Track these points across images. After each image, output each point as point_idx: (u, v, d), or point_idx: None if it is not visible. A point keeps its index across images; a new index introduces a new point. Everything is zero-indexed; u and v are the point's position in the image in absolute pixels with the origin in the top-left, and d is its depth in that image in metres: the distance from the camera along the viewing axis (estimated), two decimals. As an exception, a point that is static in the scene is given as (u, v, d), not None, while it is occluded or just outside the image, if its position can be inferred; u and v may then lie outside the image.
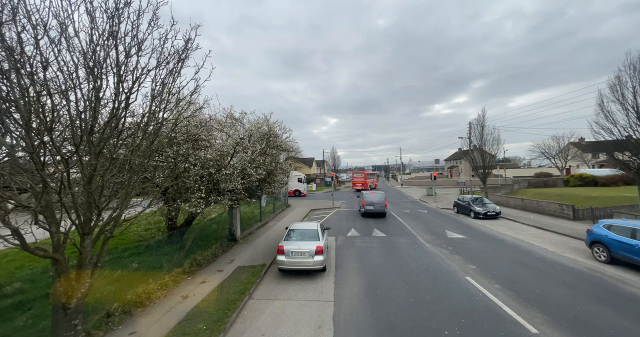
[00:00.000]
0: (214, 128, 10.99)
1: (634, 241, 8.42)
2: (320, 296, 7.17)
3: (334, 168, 73.48)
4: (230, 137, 10.36)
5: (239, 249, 11.58)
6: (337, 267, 9.36)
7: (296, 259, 8.32)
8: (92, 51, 3.29)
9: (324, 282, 8.06)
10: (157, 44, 3.78)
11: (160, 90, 3.94)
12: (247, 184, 10.87)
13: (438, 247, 11.77)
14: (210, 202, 9.04)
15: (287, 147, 13.90)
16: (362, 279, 8.34)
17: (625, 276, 8.19)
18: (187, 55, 4.00)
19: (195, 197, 8.62)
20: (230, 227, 12.74)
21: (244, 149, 10.08)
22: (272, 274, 8.83)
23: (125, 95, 3.46)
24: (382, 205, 19.62)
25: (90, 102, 3.29)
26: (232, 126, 12.22)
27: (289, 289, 7.66)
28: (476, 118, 26.97)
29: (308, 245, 8.56)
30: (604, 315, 6.10)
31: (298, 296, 7.17)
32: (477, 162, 25.90)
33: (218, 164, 9.57)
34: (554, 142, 47.22)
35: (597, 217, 15.79)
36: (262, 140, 11.75)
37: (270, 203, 21.63)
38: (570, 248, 11.11)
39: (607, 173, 27.63)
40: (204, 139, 9.74)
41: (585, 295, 7.06)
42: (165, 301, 6.87)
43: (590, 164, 42.56)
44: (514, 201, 22.65)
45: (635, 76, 9.55)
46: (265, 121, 13.11)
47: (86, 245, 3.47)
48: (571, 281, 8.01)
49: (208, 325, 5.67)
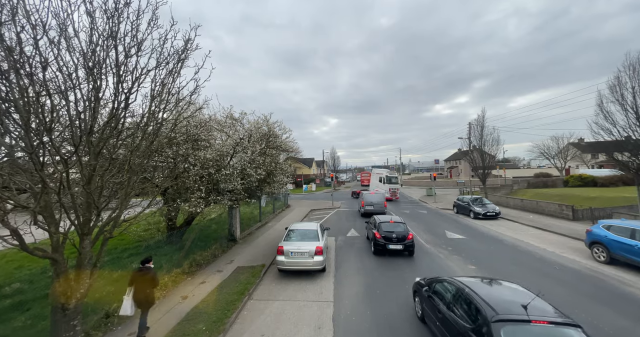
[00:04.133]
0: (213, 128, 10.99)
1: (633, 242, 8.42)
2: (320, 297, 7.16)
3: (334, 168, 73.54)
4: (230, 138, 10.36)
5: (238, 250, 11.57)
6: (337, 268, 9.36)
7: (296, 260, 8.31)
8: (92, 51, 3.29)
9: (324, 283, 8.05)
10: (157, 44, 3.79)
11: (160, 90, 3.94)
12: (246, 184, 10.86)
13: (438, 247, 11.76)
14: (210, 202, 9.04)
15: (286, 147, 13.91)
16: (362, 279, 8.34)
17: (625, 276, 8.19)
18: (186, 55, 4.00)
19: (195, 197, 8.61)
20: (230, 228, 12.74)
21: (243, 149, 10.08)
22: (272, 274, 8.82)
23: (125, 95, 3.45)
24: (382, 205, 19.66)
25: (90, 102, 3.28)
26: (232, 126, 12.22)
27: (289, 289, 7.65)
28: (476, 118, 27.02)
29: (308, 245, 8.55)
30: (603, 315, 6.11)
31: (298, 297, 7.16)
32: (477, 162, 25.92)
33: (218, 164, 9.57)
34: (553, 142, 47.31)
35: (597, 218, 15.80)
36: (262, 140, 11.76)
37: (270, 203, 21.64)
38: (569, 248, 11.12)
39: (607, 174, 27.66)
40: (204, 139, 9.74)
41: (585, 295, 7.07)
42: (164, 302, 6.86)
43: (590, 165, 42.59)
44: (514, 201, 22.66)
45: (634, 77, 9.56)
46: (265, 121, 13.12)
47: (85, 245, 3.47)
48: (571, 281, 8.02)
49: (207, 325, 5.67)
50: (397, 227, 10.78)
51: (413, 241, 10.53)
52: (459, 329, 4.11)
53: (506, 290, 4.58)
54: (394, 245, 10.33)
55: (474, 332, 3.75)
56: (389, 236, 10.43)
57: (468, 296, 4.27)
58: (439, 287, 5.29)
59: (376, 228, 11.03)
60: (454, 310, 4.43)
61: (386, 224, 11.01)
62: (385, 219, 11.43)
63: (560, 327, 3.43)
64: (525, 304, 3.69)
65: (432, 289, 5.48)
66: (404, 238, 10.38)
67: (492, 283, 4.93)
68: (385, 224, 11.01)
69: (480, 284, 4.77)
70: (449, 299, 4.75)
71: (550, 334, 3.41)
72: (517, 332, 3.41)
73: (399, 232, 10.52)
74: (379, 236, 10.60)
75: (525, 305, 3.68)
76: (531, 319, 3.46)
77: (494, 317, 3.57)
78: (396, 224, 10.92)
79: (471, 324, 3.88)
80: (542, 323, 3.42)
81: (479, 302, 3.96)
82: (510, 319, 3.52)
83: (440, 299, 5.00)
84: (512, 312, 3.63)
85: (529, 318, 3.48)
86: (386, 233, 10.55)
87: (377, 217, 11.92)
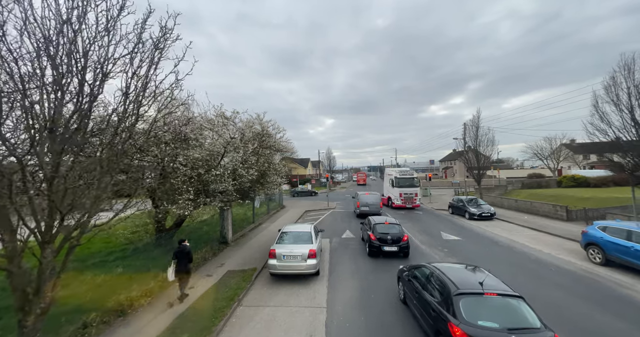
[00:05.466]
0: (204, 127, 10.64)
1: (629, 243, 8.35)
2: (313, 302, 6.90)
3: (330, 169, 73.27)
4: (221, 137, 10.02)
5: (230, 252, 11.23)
6: (331, 271, 9.10)
7: (288, 263, 8.04)
8: (55, 36, 2.92)
9: (317, 287, 7.79)
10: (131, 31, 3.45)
11: (136, 83, 3.62)
12: (238, 185, 10.54)
13: (433, 249, 11.60)
14: (200, 204, 8.70)
15: (280, 147, 13.61)
16: (357, 283, 8.10)
17: (621, 278, 8.11)
18: (165, 45, 3.68)
19: (183, 199, 8.27)
20: (222, 230, 12.38)
21: (235, 148, 9.76)
22: (264, 278, 8.52)
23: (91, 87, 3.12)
24: (377, 206, 19.49)
25: (51, 93, 2.94)
26: (224, 125, 11.88)
27: (280, 294, 7.37)
28: (471, 119, 27.02)
29: (301, 248, 8.28)
30: (599, 317, 6.00)
31: (290, 302, 6.88)
32: (472, 163, 25.94)
33: (208, 164, 9.24)
34: (546, 143, 47.85)
35: (591, 218, 15.85)
36: (255, 140, 11.45)
37: (265, 204, 21.28)
38: (565, 250, 11.06)
39: (599, 174, 28.00)
40: (193, 138, 9.41)
41: (581, 297, 7.00)
42: (149, 309, 6.52)
43: (582, 165, 43.19)
44: (508, 201, 22.71)
45: (629, 77, 9.54)
46: (258, 120, 12.82)
47: (47, 255, 3.09)
48: (566, 283, 7.95)
49: (193, 335, 5.35)
50: (392, 228, 10.58)
51: (408, 242, 10.35)
52: (429, 303, 5.07)
53: (470, 272, 5.64)
54: (389, 247, 10.13)
55: (440, 305, 4.75)
56: (384, 238, 10.23)
57: (439, 276, 5.29)
58: (417, 272, 6.24)
59: (371, 229, 10.81)
60: (427, 288, 5.45)
61: (381, 225, 10.80)
62: (380, 221, 11.22)
63: (506, 298, 4.47)
64: (481, 281, 4.74)
65: (411, 274, 6.44)
66: (399, 240, 10.19)
67: (460, 267, 6.04)
68: (380, 225, 10.81)
69: (451, 267, 5.87)
70: (424, 281, 5.73)
71: (498, 302, 4.43)
72: (473, 302, 4.39)
73: (394, 233, 10.32)
74: (373, 238, 10.38)
75: (481, 282, 4.72)
76: (484, 292, 4.47)
77: (456, 291, 4.55)
78: (391, 226, 10.72)
79: (439, 298, 4.89)
80: (492, 295, 4.47)
81: (445, 281, 4.99)
82: (468, 292, 4.51)
83: (418, 281, 5.95)
84: (470, 287, 4.64)
85: (483, 291, 4.49)
86: (381, 235, 10.35)
87: (372, 219, 11.69)
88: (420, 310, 5.46)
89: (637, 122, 9.57)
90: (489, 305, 4.38)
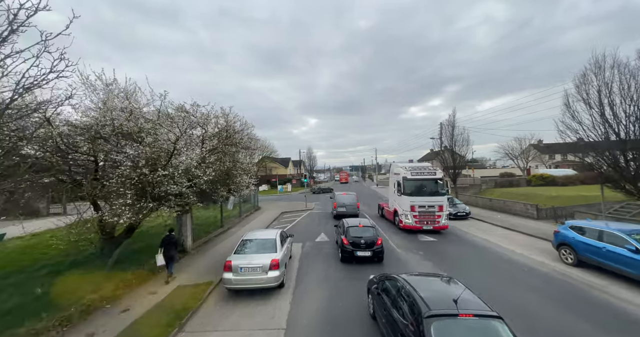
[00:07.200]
0: (160, 125, 9.22)
1: (600, 243, 8.21)
2: (271, 322, 5.95)
3: (310, 168, 72.45)
4: (170, 131, 8.73)
5: (187, 262, 9.98)
6: (298, 281, 8.21)
7: (246, 277, 7.03)
8: None
9: (279, 303, 6.85)
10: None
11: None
12: (196, 187, 9.34)
13: (409, 252, 11.09)
14: (142, 209, 7.42)
15: (247, 144, 12.48)
16: (325, 294, 7.28)
17: (593, 280, 7.94)
18: None
19: (118, 204, 6.98)
20: (180, 237, 11.05)
21: (186, 144, 8.55)
22: (219, 294, 7.43)
23: None
24: (354, 206, 18.88)
25: None
26: (184, 120, 10.57)
27: (234, 314, 6.33)
28: (447, 118, 27.33)
29: (261, 258, 7.31)
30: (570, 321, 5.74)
31: (242, 325, 5.87)
32: (448, 162, 26.24)
33: (155, 163, 7.98)
34: (516, 143, 50.15)
35: (559, 217, 16.25)
36: (215, 137, 10.27)
37: (237, 206, 19.94)
38: (537, 249, 10.97)
39: (566, 173, 29.43)
40: (138, 132, 8.10)
41: (553, 300, 6.85)
42: (63, 343, 5.24)
43: (547, 165, 45.70)
44: (482, 200, 23.08)
45: (600, 73, 9.54)
46: (223, 115, 11.63)
47: None
48: (539, 285, 7.78)
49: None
50: (366, 231, 9.89)
51: (382, 246, 9.71)
52: (398, 324, 4.40)
53: (443, 285, 5.08)
54: (362, 252, 9.41)
55: (408, 328, 4.09)
56: (357, 242, 9.50)
57: (409, 292, 4.56)
58: (387, 284, 5.50)
59: (344, 233, 10.05)
60: (397, 305, 4.72)
61: (354, 228, 10.07)
62: (353, 223, 10.48)
63: (483, 320, 3.82)
64: (455, 299, 4.10)
65: (381, 287, 5.69)
66: (373, 243, 9.51)
67: (433, 280, 5.51)
68: (354, 228, 10.07)
69: (422, 280, 5.22)
70: (394, 294, 4.99)
71: (475, 325, 3.77)
72: (446, 326, 3.73)
73: (368, 237, 9.63)
74: (346, 242, 9.63)
75: (455, 299, 4.09)
76: (459, 313, 3.81)
77: (427, 313, 3.86)
78: (365, 229, 10.03)
79: (409, 318, 4.19)
80: (468, 316, 3.80)
81: (416, 299, 4.29)
82: (440, 313, 3.84)
83: (388, 295, 5.21)
84: (443, 307, 3.98)
85: (458, 312, 3.83)
86: (354, 239, 9.62)
87: (345, 221, 10.93)
88: (388, 330, 4.80)
89: (606, 119, 9.60)
90: (465, 328, 3.76)
